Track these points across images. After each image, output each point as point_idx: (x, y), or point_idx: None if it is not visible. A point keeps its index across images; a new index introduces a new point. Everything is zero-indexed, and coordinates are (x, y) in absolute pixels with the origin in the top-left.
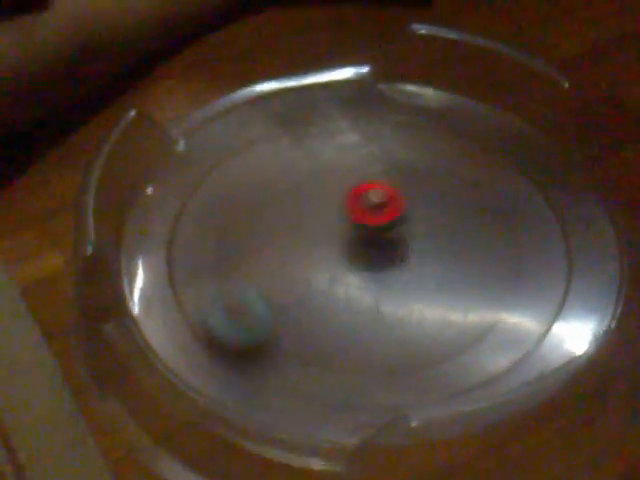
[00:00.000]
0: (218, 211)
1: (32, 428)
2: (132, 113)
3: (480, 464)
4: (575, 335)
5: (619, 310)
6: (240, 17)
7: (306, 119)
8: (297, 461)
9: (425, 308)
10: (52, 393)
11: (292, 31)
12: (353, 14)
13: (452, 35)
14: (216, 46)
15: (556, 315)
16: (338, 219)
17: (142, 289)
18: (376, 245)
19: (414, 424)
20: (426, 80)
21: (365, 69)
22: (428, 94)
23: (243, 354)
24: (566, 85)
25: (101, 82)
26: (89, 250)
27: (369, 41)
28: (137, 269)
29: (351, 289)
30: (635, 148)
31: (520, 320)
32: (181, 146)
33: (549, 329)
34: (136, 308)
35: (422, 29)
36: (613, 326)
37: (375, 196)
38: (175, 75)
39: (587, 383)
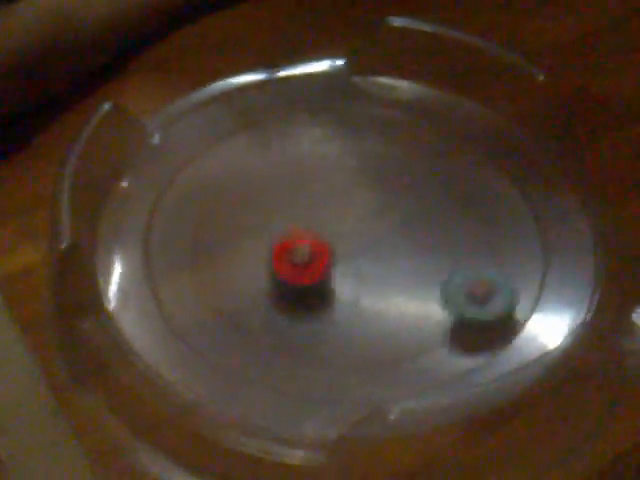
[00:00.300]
0: (194, 204)
1: (11, 425)
2: (106, 106)
3: (459, 455)
4: (551, 328)
5: (594, 304)
6: (214, 10)
7: (280, 112)
8: (278, 454)
9: (402, 302)
10: (31, 389)
11: (266, 24)
12: (327, 7)
13: (427, 28)
14: (190, 39)
15: (532, 309)
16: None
17: (119, 283)
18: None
19: (392, 417)
20: (401, 73)
21: (339, 62)
22: (403, 87)
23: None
24: (541, 78)
25: (74, 75)
26: (65, 244)
27: (343, 33)
28: (113, 263)
29: (328, 284)
30: (611, 141)
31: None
32: (156, 139)
33: (525, 322)
34: (113, 303)
35: (397, 22)
36: (588, 319)
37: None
38: (149, 68)
39: (563, 376)
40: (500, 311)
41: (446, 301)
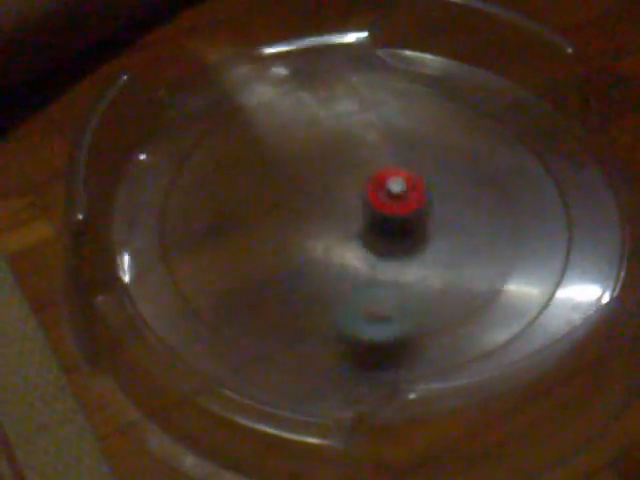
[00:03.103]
0: (212, 179)
1: (20, 403)
2: (124, 77)
3: (480, 437)
4: (576, 305)
5: (620, 281)
6: None
7: (304, 85)
8: (294, 436)
9: (424, 280)
10: (41, 367)
11: None
12: None
13: None
14: (210, 12)
15: (557, 285)
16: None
17: (134, 259)
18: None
19: (413, 397)
20: (426, 46)
21: (364, 34)
22: (427, 60)
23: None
24: (569, 51)
25: (91, 45)
26: (80, 219)
27: (368, 6)
28: (129, 239)
29: (347, 259)
30: (635, 117)
31: (521, 291)
32: (174, 113)
33: (550, 300)
34: (128, 279)
35: None
36: (614, 296)
37: (396, 185)
38: (169, 40)
39: (587, 355)
40: (397, 333)
41: (342, 324)
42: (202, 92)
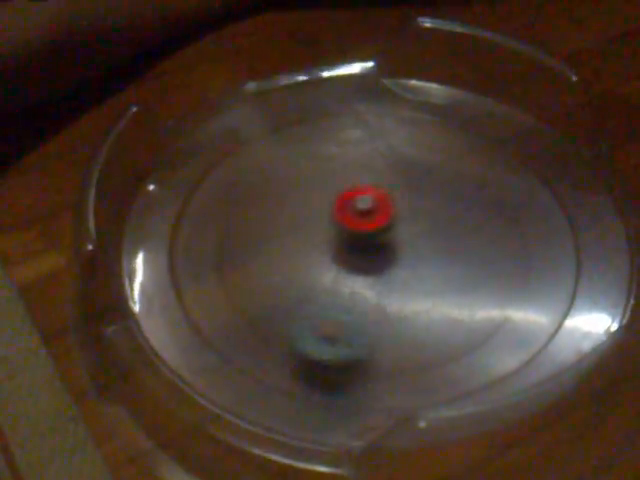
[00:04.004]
0: (220, 209)
1: (31, 433)
2: (134, 109)
3: (490, 466)
4: (585, 333)
5: (630, 307)
6: (241, 17)
7: (309, 115)
8: (303, 465)
9: (432, 308)
10: (51, 397)
11: (295, 27)
12: (357, 8)
13: (458, 29)
14: (219, 43)
15: (566, 313)
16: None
17: (144, 288)
18: (377, 247)
19: (422, 425)
20: (431, 75)
21: (369, 64)
22: (433, 89)
23: (344, 370)
24: (574, 79)
25: (99, 75)
26: (90, 248)
27: (373, 35)
28: (139, 268)
29: (356, 289)
30: None
31: (529, 319)
32: (183, 143)
33: (559, 328)
34: (138, 308)
35: (427, 22)
36: (624, 323)
37: (363, 203)
38: (177, 71)
39: (598, 382)
40: (351, 354)
41: (294, 341)
42: (210, 123)
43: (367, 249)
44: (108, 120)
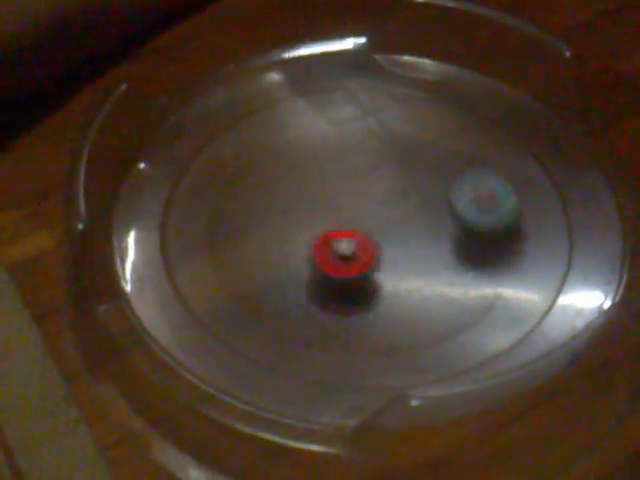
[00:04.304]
0: (211, 187)
1: (22, 413)
2: (123, 86)
3: (482, 445)
4: (578, 311)
5: (622, 284)
6: None
7: (301, 92)
8: (295, 444)
9: (424, 286)
10: (42, 377)
11: (286, 2)
12: None
13: (450, 3)
14: (208, 20)
15: (558, 291)
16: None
17: (135, 267)
18: None
19: (414, 404)
20: (424, 51)
21: (361, 39)
22: (426, 65)
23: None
24: (567, 54)
25: (89, 55)
26: (80, 226)
27: (365, 12)
28: (130, 247)
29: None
30: (637, 120)
31: (521, 297)
32: (174, 120)
33: (552, 305)
34: (129, 287)
35: None
36: (617, 300)
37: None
38: (166, 49)
39: (591, 360)
40: (506, 219)
41: (455, 212)
42: (201, 100)
43: None
44: (98, 99)
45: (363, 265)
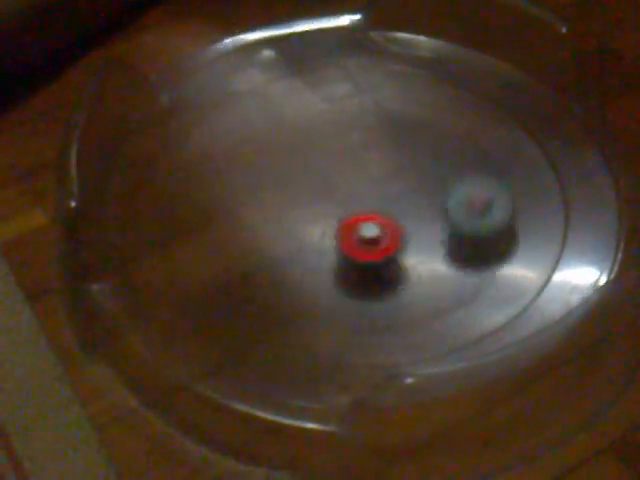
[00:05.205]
0: (205, 164)
1: (16, 393)
2: (114, 64)
3: (478, 422)
4: (574, 287)
5: (618, 261)
6: None
7: (296, 68)
8: (290, 422)
9: (420, 264)
10: (36, 357)
11: None
12: None
13: None
14: None
15: (554, 267)
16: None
17: (129, 247)
18: None
19: (409, 382)
20: (420, 28)
21: (357, 16)
22: (421, 42)
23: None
24: (563, 31)
25: (81, 33)
26: (72, 206)
27: None
28: (123, 226)
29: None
30: (634, 97)
31: (517, 273)
32: (166, 97)
33: (547, 282)
34: (123, 267)
35: None
36: (612, 277)
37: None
38: (159, 26)
39: (586, 336)
40: (498, 224)
41: (447, 215)
42: (193, 77)
43: None
44: (89, 76)
45: (386, 248)
